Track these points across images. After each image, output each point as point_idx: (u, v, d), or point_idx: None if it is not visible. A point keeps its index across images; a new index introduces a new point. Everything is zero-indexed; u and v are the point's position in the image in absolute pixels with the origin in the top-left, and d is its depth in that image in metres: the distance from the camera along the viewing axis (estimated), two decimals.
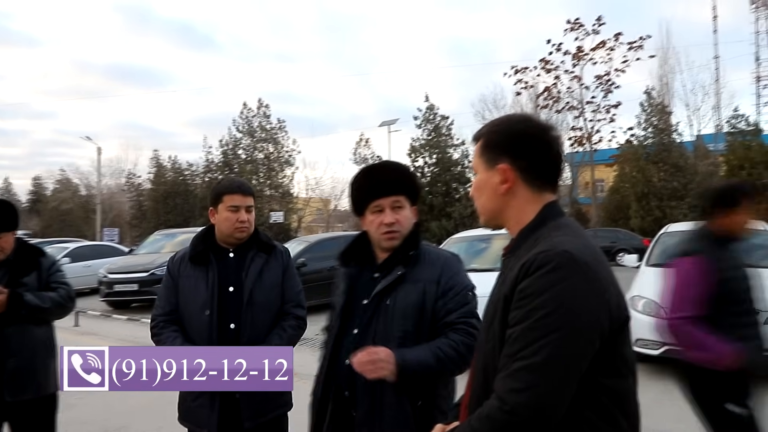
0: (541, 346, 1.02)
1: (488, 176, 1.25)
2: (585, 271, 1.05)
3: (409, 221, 1.91)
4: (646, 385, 5.39)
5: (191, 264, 2.30)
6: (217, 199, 2.32)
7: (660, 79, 29.06)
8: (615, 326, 1.08)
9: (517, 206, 1.24)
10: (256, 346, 2.19)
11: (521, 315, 1.06)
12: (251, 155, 34.17)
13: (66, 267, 12.94)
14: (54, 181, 47.98)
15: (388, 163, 2.02)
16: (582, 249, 1.09)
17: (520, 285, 1.08)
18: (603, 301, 1.06)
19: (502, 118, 1.33)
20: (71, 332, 9.27)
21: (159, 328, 2.27)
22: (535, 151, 1.23)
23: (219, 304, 2.21)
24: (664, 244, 7.17)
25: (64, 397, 5.24)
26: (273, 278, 2.33)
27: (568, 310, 1.02)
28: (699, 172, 26.13)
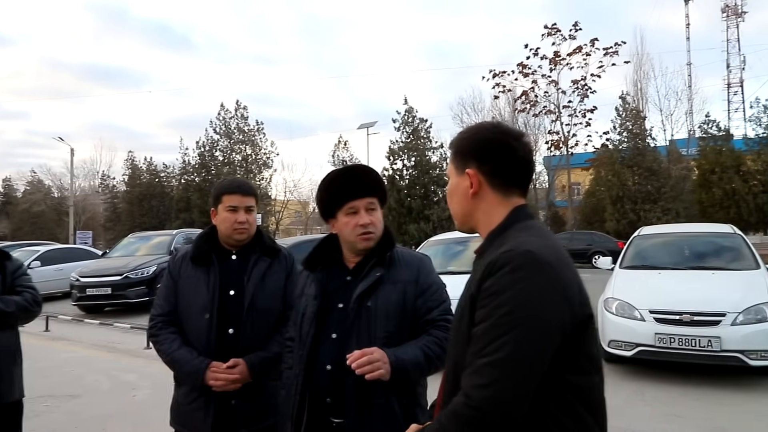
0: (503, 343, 1.04)
1: (458, 181, 1.32)
2: (546, 270, 1.09)
3: (381, 223, 1.93)
4: (618, 385, 5.48)
5: (192, 264, 2.24)
6: (217, 199, 2.28)
7: (635, 85, 29.67)
8: (577, 323, 1.11)
9: (486, 209, 1.29)
10: (256, 352, 2.17)
11: (485, 313, 1.09)
12: (229, 157, 33.86)
13: (36, 271, 12.70)
14: (25, 183, 46.91)
15: (360, 166, 2.00)
16: (544, 249, 1.13)
17: (484, 284, 1.12)
18: (564, 299, 1.09)
19: (473, 126, 1.38)
20: (42, 338, 9.06)
21: (157, 329, 2.22)
22: (500, 156, 1.27)
23: (219, 308, 2.16)
24: (638, 247, 7.29)
25: (31, 405, 5.16)
26: (276, 283, 2.28)
27: (529, 308, 1.06)
28: (672, 176, 26.65)
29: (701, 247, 6.92)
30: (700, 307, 5.31)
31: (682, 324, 5.28)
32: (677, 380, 5.48)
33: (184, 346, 2.16)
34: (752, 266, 6.23)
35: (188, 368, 2.12)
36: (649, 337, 5.39)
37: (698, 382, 5.40)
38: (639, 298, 5.75)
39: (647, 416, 4.64)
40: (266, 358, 2.19)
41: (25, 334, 9.02)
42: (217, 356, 2.12)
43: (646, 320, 5.48)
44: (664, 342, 5.31)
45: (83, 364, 7.04)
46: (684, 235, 7.44)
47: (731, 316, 5.17)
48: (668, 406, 4.80)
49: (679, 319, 5.30)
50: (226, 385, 2.10)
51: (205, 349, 2.14)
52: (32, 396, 5.50)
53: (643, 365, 5.81)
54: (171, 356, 2.15)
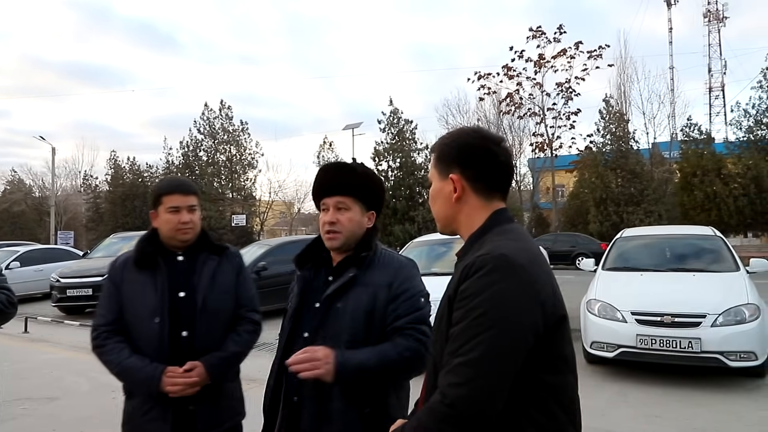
0: (477, 343, 1.08)
1: (441, 186, 1.35)
2: (519, 273, 1.12)
3: (354, 223, 1.87)
4: (601, 387, 5.52)
5: (136, 269, 2.16)
6: (157, 200, 2.21)
7: (618, 88, 29.94)
8: (550, 324, 1.15)
9: (468, 213, 1.32)
10: (212, 353, 2.12)
11: (461, 315, 1.13)
12: (213, 157, 33.63)
13: (16, 271, 12.54)
14: (5, 182, 46.11)
15: (340, 164, 1.97)
16: (519, 252, 1.16)
17: (461, 286, 1.15)
18: (536, 301, 1.13)
19: (454, 131, 1.41)
20: (21, 339, 8.90)
21: (102, 339, 2.12)
22: (482, 161, 1.31)
23: (170, 311, 2.09)
24: (620, 249, 7.36)
25: (6, 408, 5.06)
26: (226, 282, 2.23)
27: (502, 310, 1.09)
28: (654, 179, 26.98)
29: (682, 249, 7.00)
30: (681, 308, 5.37)
31: (663, 325, 5.33)
32: (659, 381, 5.53)
33: (134, 354, 2.07)
34: (732, 268, 6.32)
35: (141, 376, 2.02)
36: (631, 339, 5.44)
37: (679, 383, 5.46)
38: (621, 299, 5.80)
39: (629, 417, 4.67)
40: (224, 358, 2.14)
41: (4, 335, 8.86)
42: (170, 361, 2.04)
43: (627, 322, 5.53)
44: (646, 343, 5.36)
45: (63, 366, 6.93)
46: (665, 237, 7.53)
47: (711, 318, 5.24)
48: (650, 407, 4.84)
49: (660, 320, 5.36)
50: (185, 390, 2.02)
51: (157, 355, 2.05)
52: (9, 399, 5.40)
53: (626, 366, 5.86)
54: (120, 366, 2.06)
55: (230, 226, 30.41)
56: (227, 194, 33.21)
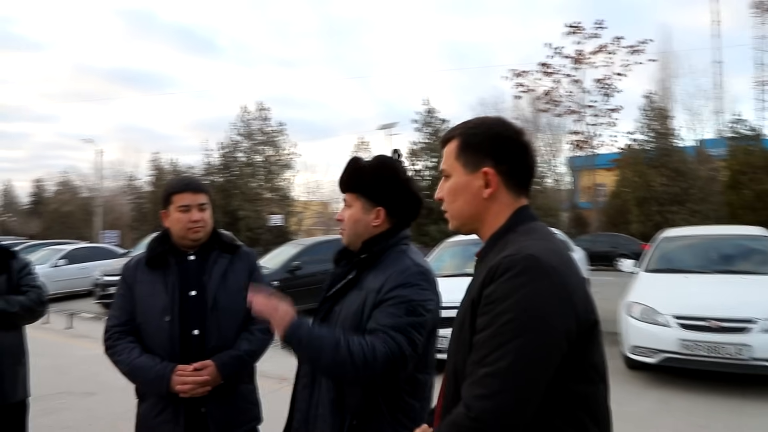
0: (506, 352, 1.00)
1: (468, 180, 1.23)
2: (550, 275, 1.04)
3: (353, 221, 1.79)
4: (642, 394, 5.30)
5: (148, 269, 2.15)
6: (167, 200, 2.19)
7: (661, 84, 28.97)
8: (582, 330, 1.06)
9: (496, 211, 1.22)
10: (224, 351, 2.09)
11: (487, 321, 1.05)
12: (250, 158, 34.11)
13: (62, 269, 12.97)
14: (55, 183, 48.01)
15: (352, 158, 1.87)
16: (548, 253, 1.08)
17: (486, 290, 1.07)
18: (569, 305, 1.05)
19: (477, 119, 1.29)
20: (64, 335, 9.18)
21: (113, 340, 2.11)
22: (516, 155, 1.22)
23: (180, 309, 2.07)
24: (662, 249, 7.07)
25: (47, 402, 5.20)
26: (238, 281, 2.19)
27: (533, 315, 1.01)
28: (700, 177, 26.02)
29: (730, 250, 6.67)
30: (729, 313, 5.09)
31: (709, 330, 5.07)
32: (704, 389, 5.27)
33: (145, 354, 2.05)
34: None
35: (151, 375, 2.00)
36: (674, 344, 5.19)
37: (726, 391, 5.18)
38: (663, 302, 5.55)
39: (672, 426, 4.46)
40: (236, 356, 2.09)
41: (50, 331, 9.17)
42: (182, 361, 2.01)
43: (670, 326, 5.29)
44: (690, 349, 5.11)
45: (101, 362, 7.00)
46: (711, 237, 7.19)
47: (762, 323, 4.95)
48: (694, 417, 4.61)
49: (706, 325, 5.09)
50: (195, 389, 1.98)
51: (169, 354, 2.03)
52: (50, 393, 5.55)
53: (668, 373, 5.61)
54: (131, 365, 2.03)
55: (267, 226, 30.78)
56: (264, 194, 33.62)
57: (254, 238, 30.69)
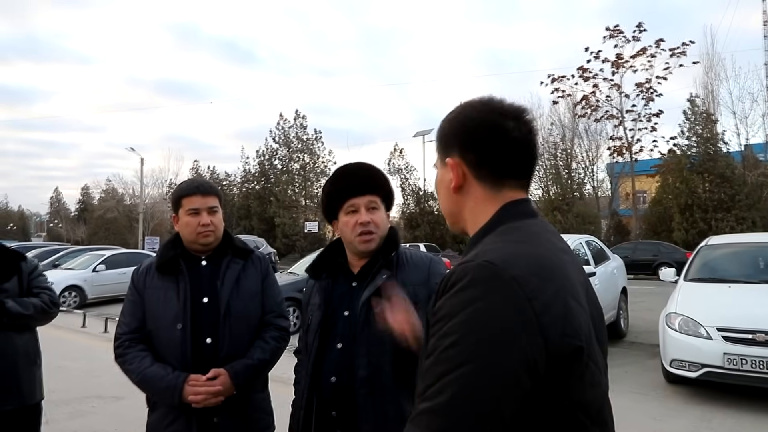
0: (446, 384, 0.80)
1: (442, 174, 1.09)
2: (509, 288, 0.82)
3: (384, 224, 1.79)
4: (682, 410, 5.03)
5: (159, 274, 2.10)
6: (177, 203, 2.14)
7: (705, 87, 27.99)
8: (556, 359, 0.83)
9: (472, 207, 1.05)
10: (237, 360, 2.03)
11: (432, 344, 0.85)
12: (287, 165, 34.53)
13: (101, 274, 13.27)
14: (100, 191, 49.68)
15: (362, 163, 1.87)
16: (515, 259, 0.87)
17: (436, 305, 0.88)
18: (533, 326, 0.81)
19: (459, 105, 1.11)
20: (99, 338, 9.37)
21: (124, 348, 2.06)
22: (487, 141, 1.02)
23: (193, 317, 2.01)
24: (705, 258, 6.74)
25: (77, 405, 5.28)
26: (251, 286, 2.14)
27: (481, 339, 0.80)
28: (748, 183, 24.97)
29: None
30: None
31: (755, 344, 4.78)
32: (749, 406, 4.95)
33: (157, 363, 1.99)
34: None
35: (163, 384, 1.94)
36: (717, 358, 4.91)
37: None
38: (705, 313, 5.26)
39: None
40: (250, 365, 2.03)
41: (86, 334, 9.35)
42: (194, 370, 1.96)
43: (713, 338, 5.01)
44: (734, 363, 4.82)
45: None
46: (758, 245, 6.80)
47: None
48: None
49: (752, 338, 4.81)
50: (208, 400, 1.92)
51: (181, 363, 1.97)
52: (81, 396, 5.65)
53: (710, 388, 5.31)
54: (142, 375, 1.97)
55: (303, 232, 31.05)
56: (300, 201, 33.96)
57: (290, 244, 31.00)
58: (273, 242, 28.47)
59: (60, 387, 5.80)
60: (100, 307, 13.39)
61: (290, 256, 29.21)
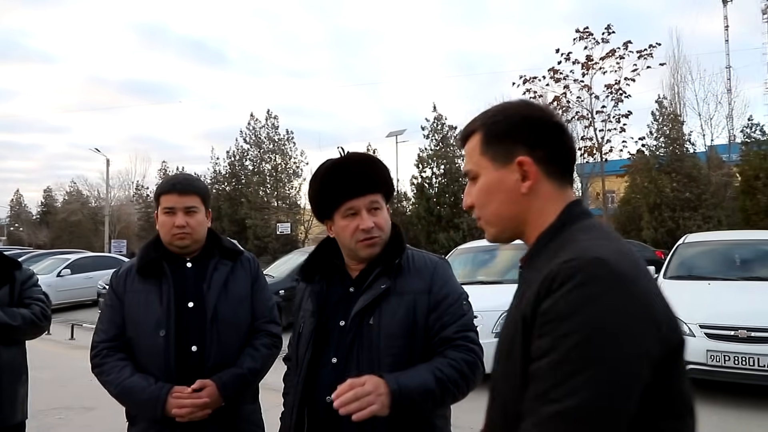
0: (576, 386, 0.78)
1: (500, 176, 1.03)
2: (625, 284, 0.83)
3: (388, 224, 1.62)
4: None
5: (140, 277, 1.94)
6: (156, 200, 1.99)
7: (671, 89, 28.65)
8: (668, 353, 0.85)
9: (539, 208, 1.02)
10: (225, 370, 1.88)
11: (547, 345, 0.83)
12: (258, 166, 34.07)
13: (67, 278, 12.89)
14: (64, 193, 48.28)
15: (359, 155, 1.65)
16: (618, 256, 0.87)
17: (542, 305, 0.86)
18: (651, 321, 0.83)
19: (499, 106, 1.09)
20: (66, 346, 9.02)
21: (101, 357, 1.89)
22: (552, 137, 1.03)
23: (176, 323, 1.86)
24: (683, 256, 6.81)
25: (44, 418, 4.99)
26: (240, 290, 1.99)
27: (608, 336, 0.79)
28: (713, 183, 25.65)
29: (754, 256, 6.40)
30: (758, 321, 4.82)
31: (737, 341, 4.82)
32: (733, 403, 4.99)
33: (137, 373, 1.83)
34: None
35: (144, 397, 1.78)
36: (700, 355, 4.93)
37: (758, 405, 4.91)
38: (687, 311, 5.25)
39: None
40: (239, 375, 1.88)
41: (51, 342, 9.02)
42: (179, 380, 1.80)
43: (696, 336, 5.03)
44: (717, 360, 4.85)
45: None
46: (734, 243, 6.92)
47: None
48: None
49: (735, 335, 4.84)
50: (194, 413, 1.77)
51: (164, 373, 1.82)
52: (48, 407, 5.36)
53: (694, 385, 5.30)
54: (121, 386, 1.82)
55: (275, 234, 30.65)
56: (272, 203, 33.54)
57: (262, 246, 30.59)
58: (245, 244, 28.03)
59: None
60: (66, 313, 12.93)
61: (263, 258, 28.78)
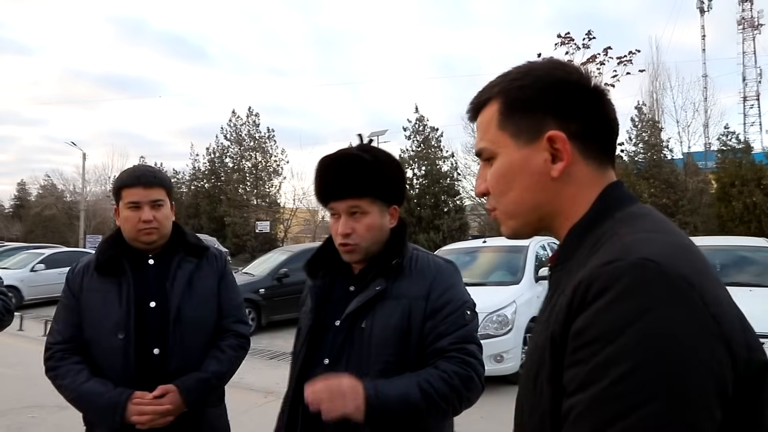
0: (629, 428, 0.59)
1: (525, 155, 0.82)
2: (682, 292, 0.63)
3: (374, 230, 1.50)
4: None
5: (98, 275, 1.83)
6: (117, 194, 1.88)
7: (650, 95, 29.14)
8: (744, 380, 0.65)
9: (573, 195, 0.82)
10: (189, 374, 1.79)
11: (584, 375, 0.64)
12: (238, 164, 33.73)
13: (41, 274, 12.61)
14: (38, 187, 47.22)
15: (347, 154, 1.51)
16: (673, 253, 0.68)
17: (576, 321, 0.67)
18: (719, 340, 0.63)
19: (522, 66, 0.87)
20: (38, 342, 8.77)
21: (55, 361, 1.79)
22: (590, 106, 0.82)
23: (137, 324, 1.77)
24: None
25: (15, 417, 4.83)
26: (206, 288, 1.90)
27: (666, 365, 0.60)
28: (689, 189, 26.12)
29: (734, 262, 6.48)
30: None
31: None
32: None
33: (94, 378, 1.74)
34: None
35: (102, 403, 1.69)
36: None
37: None
38: None
39: None
40: (203, 380, 1.80)
41: (23, 338, 8.80)
42: (139, 385, 1.72)
43: None
44: None
45: None
46: (714, 248, 6.98)
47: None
48: None
49: None
50: (155, 420, 1.69)
51: (123, 378, 1.73)
52: (19, 406, 5.19)
53: None
54: (77, 391, 1.73)
55: (254, 232, 30.37)
56: (252, 201, 33.22)
57: (240, 244, 30.29)
58: (223, 242, 27.71)
59: None
60: (39, 309, 12.60)
61: (241, 256, 28.51)
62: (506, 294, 6.46)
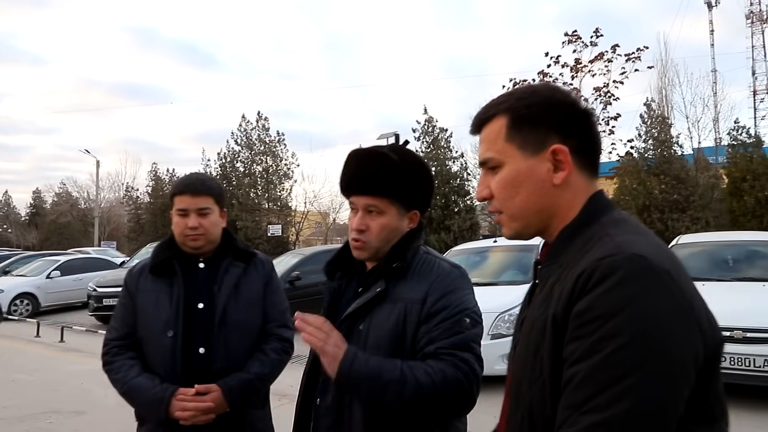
0: (621, 392, 0.73)
1: (530, 165, 0.97)
2: (667, 282, 0.78)
3: (387, 231, 1.51)
4: None
5: (152, 277, 1.93)
6: (171, 200, 1.99)
7: (659, 92, 28.86)
8: (709, 354, 0.81)
9: (569, 200, 0.97)
10: (232, 374, 1.85)
11: (586, 348, 0.78)
12: (249, 168, 33.92)
13: (56, 280, 12.75)
14: (53, 195, 47.78)
15: (376, 152, 1.51)
16: (656, 251, 0.83)
17: (578, 304, 0.80)
18: (693, 321, 0.79)
19: (524, 88, 1.02)
20: (56, 348, 8.89)
21: (111, 356, 1.90)
22: (583, 127, 0.99)
23: (185, 324, 1.84)
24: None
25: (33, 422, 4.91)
26: (252, 293, 1.96)
27: (655, 338, 0.75)
28: (700, 185, 25.89)
29: (747, 257, 6.45)
30: (754, 322, 4.86)
31: (733, 341, 4.83)
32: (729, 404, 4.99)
33: (144, 373, 1.82)
34: None
35: (149, 397, 1.78)
36: None
37: (753, 405, 4.93)
38: None
39: None
40: (246, 380, 1.85)
41: (41, 344, 8.93)
42: (185, 383, 1.79)
43: None
44: None
45: (93, 378, 6.76)
46: (727, 244, 6.96)
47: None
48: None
49: (730, 335, 4.85)
50: (197, 417, 1.75)
51: (170, 375, 1.80)
52: (37, 411, 5.27)
53: None
54: (128, 385, 1.82)
55: (266, 236, 30.51)
56: (263, 205, 33.38)
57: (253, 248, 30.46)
58: None
59: (13, 402, 5.43)
60: (55, 315, 12.77)
61: None
62: (518, 293, 6.45)
